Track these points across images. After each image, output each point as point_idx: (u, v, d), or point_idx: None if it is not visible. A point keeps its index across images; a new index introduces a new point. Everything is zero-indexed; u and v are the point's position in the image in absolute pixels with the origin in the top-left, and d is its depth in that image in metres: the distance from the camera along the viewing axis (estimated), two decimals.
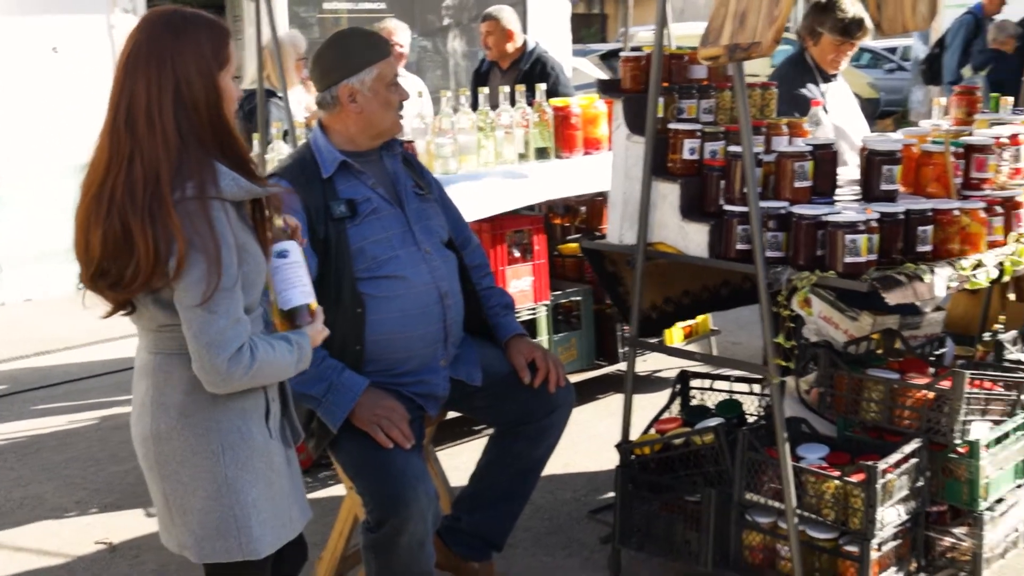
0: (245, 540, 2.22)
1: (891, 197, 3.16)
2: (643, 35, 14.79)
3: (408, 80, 5.89)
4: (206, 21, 2.21)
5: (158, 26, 2.15)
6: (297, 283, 2.30)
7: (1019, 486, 3.29)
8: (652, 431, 3.49)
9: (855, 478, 2.94)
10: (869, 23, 4.34)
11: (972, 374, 3.10)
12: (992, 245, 3.18)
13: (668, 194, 3.25)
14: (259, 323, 2.27)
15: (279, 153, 4.83)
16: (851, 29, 4.28)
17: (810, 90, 4.24)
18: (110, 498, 4.36)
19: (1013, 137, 3.46)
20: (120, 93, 2.15)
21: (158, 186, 2.08)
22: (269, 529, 2.27)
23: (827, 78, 4.39)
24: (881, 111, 15.82)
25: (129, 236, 2.08)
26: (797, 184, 3.11)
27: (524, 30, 6.39)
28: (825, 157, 3.20)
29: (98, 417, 5.35)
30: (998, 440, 3.16)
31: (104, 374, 6.03)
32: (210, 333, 2.09)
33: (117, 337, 6.54)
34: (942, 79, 10.11)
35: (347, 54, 3.06)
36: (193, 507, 2.22)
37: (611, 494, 3.99)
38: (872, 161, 3.19)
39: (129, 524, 4.11)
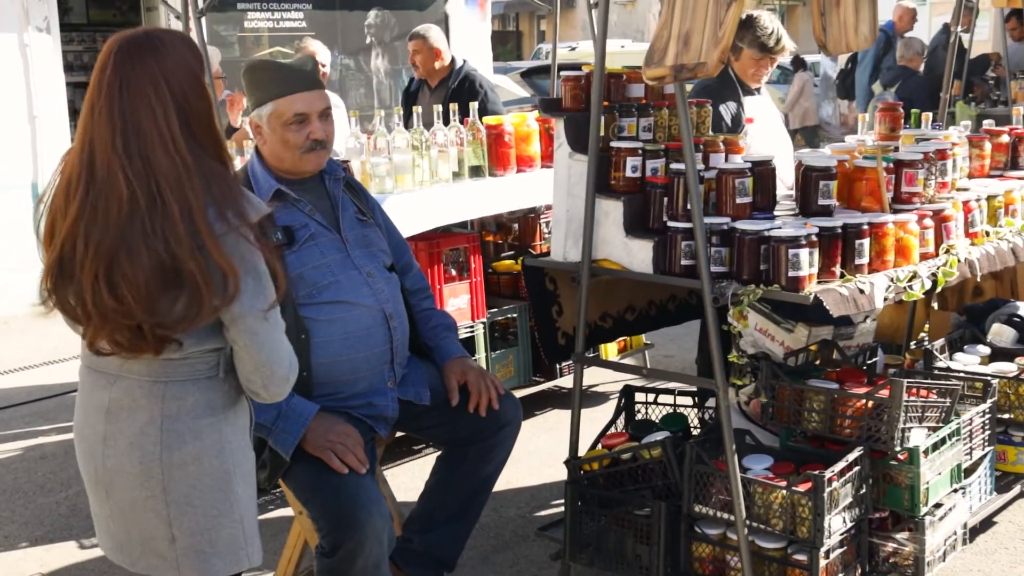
0: (252, 549, 2.30)
1: (828, 212, 3.24)
2: (559, 52, 14.87)
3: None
4: (179, 36, 2.22)
5: (139, 50, 2.11)
6: None
7: (955, 490, 3.39)
8: (600, 446, 3.52)
9: (802, 487, 3.00)
10: (787, 40, 4.46)
11: (909, 382, 3.19)
12: (924, 257, 3.30)
13: (611, 211, 3.28)
14: None
15: None
16: (770, 44, 4.39)
17: (730, 106, 4.35)
18: (40, 531, 4.23)
19: (940, 152, 3.57)
20: (123, 129, 2.07)
21: (192, 213, 2.06)
22: (258, 535, 2.35)
23: (749, 92, 4.49)
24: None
25: (179, 269, 2.04)
26: (738, 200, 3.17)
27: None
28: (764, 174, 3.27)
29: (22, 448, 5.19)
30: (935, 446, 3.26)
31: (25, 403, 5.85)
32: (273, 346, 2.18)
33: (38, 364, 6.39)
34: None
35: (253, 85, 3.05)
36: (203, 527, 2.22)
37: (555, 510, 4.02)
38: (809, 177, 3.27)
39: (63, 557, 4.00)
